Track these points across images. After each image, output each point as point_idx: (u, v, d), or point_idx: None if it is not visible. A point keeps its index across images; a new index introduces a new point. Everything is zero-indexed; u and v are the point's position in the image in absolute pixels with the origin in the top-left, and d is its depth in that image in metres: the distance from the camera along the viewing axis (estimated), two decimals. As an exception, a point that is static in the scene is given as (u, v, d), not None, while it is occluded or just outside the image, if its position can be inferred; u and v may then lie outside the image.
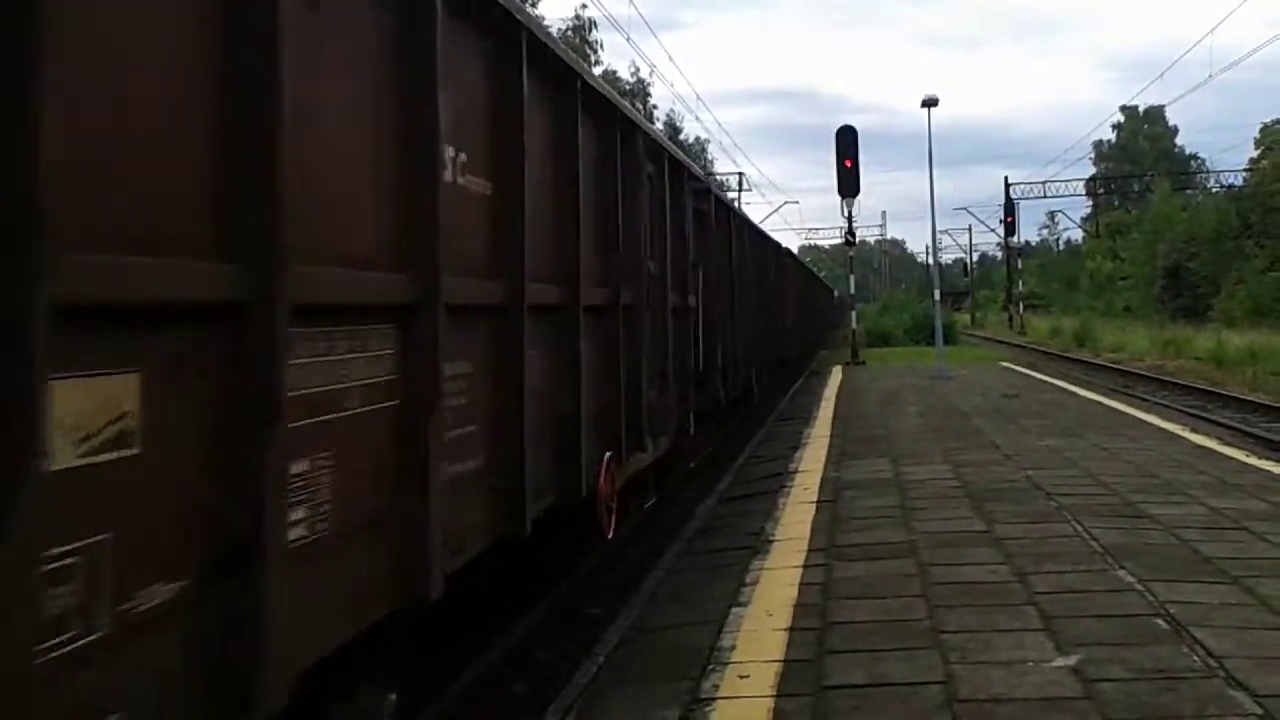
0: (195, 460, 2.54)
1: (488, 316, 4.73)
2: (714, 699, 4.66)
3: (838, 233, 61.50)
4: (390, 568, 3.56)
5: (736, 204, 24.24)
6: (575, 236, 6.01)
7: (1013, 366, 27.13)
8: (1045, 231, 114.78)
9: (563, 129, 6.04)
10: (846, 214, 29.43)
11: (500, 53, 4.95)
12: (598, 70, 55.33)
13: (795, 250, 42.82)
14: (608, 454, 6.71)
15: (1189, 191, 70.54)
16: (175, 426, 2.46)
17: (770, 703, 4.52)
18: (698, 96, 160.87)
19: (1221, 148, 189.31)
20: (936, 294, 27.74)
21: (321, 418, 3.08)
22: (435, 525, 3.74)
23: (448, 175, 4.13)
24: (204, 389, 2.56)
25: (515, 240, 4.94)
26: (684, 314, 10.13)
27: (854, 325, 32.16)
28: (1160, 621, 5.30)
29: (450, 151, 4.17)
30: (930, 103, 25.28)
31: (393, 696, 4.05)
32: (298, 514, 2.93)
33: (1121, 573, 6.23)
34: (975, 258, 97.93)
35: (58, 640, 2.08)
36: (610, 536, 7.18)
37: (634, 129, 7.73)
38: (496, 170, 4.85)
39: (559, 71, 5.93)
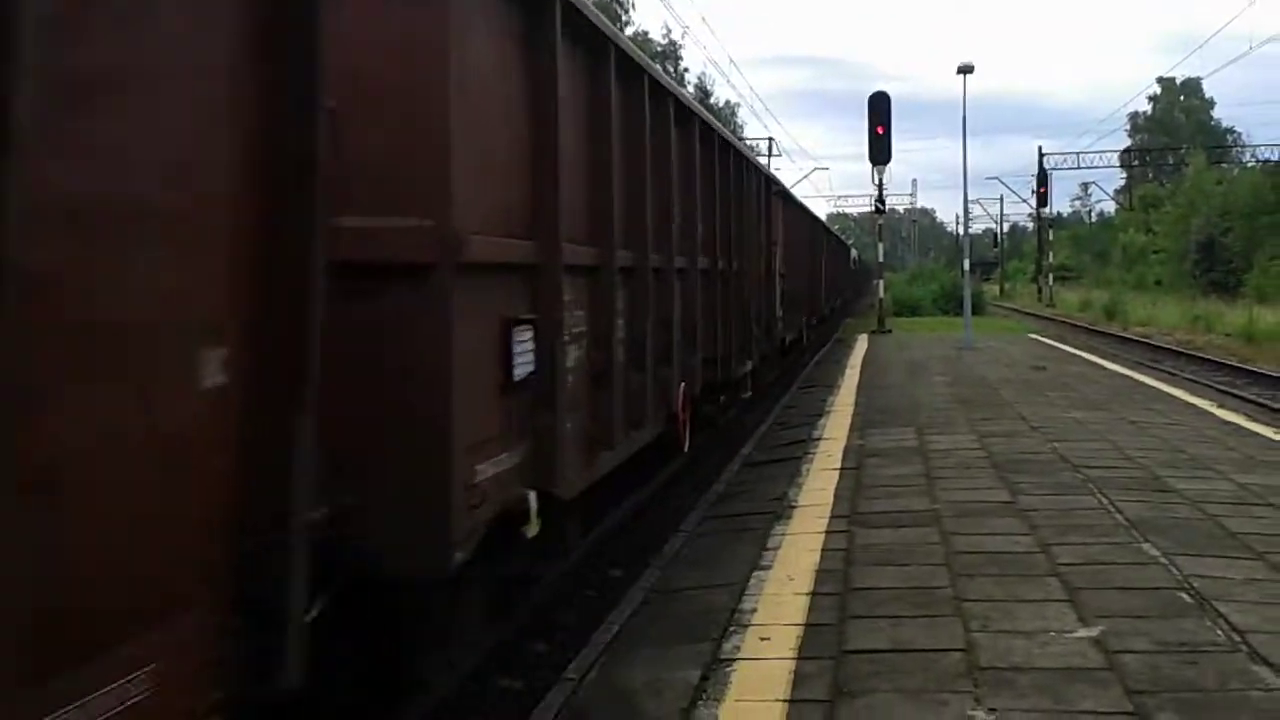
0: None
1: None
2: (735, 659, 4.69)
3: (867, 200, 61.19)
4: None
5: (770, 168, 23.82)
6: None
7: (1040, 338, 26.97)
8: (1078, 203, 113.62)
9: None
10: (877, 181, 29.30)
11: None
12: (628, 31, 54.99)
13: (824, 217, 42.71)
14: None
15: (1225, 165, 69.62)
16: None
17: (791, 664, 4.55)
18: (730, 59, 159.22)
19: (1259, 121, 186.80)
20: (966, 264, 27.56)
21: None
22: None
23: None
24: None
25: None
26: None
27: (881, 294, 31.98)
28: (1184, 595, 5.29)
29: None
30: (966, 69, 24.99)
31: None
32: None
33: (1146, 546, 6.21)
34: (1006, 228, 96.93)
35: None
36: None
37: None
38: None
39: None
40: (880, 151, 27.09)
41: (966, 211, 29.25)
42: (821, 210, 56.87)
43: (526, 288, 5.01)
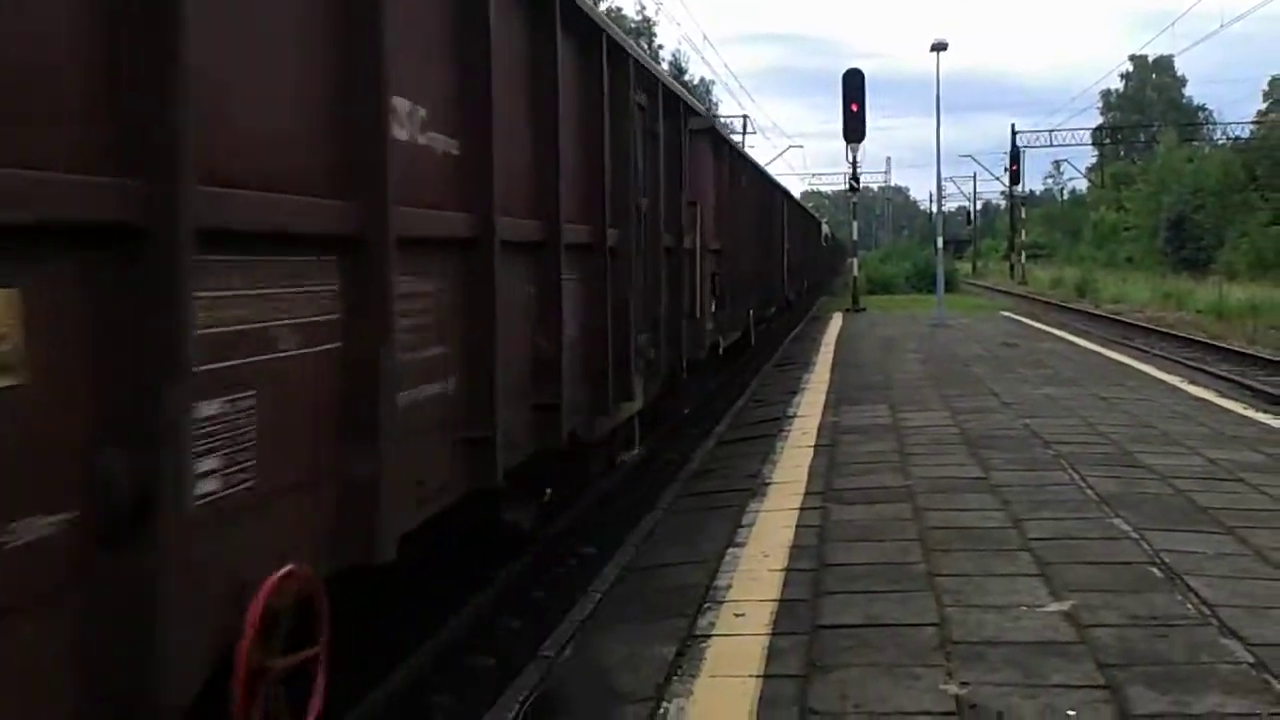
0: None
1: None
2: (709, 636, 4.69)
3: (841, 178, 61.18)
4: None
5: (742, 145, 21.57)
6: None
7: (1013, 316, 27.10)
8: (1050, 181, 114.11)
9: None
10: (851, 159, 29.26)
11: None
12: (602, 7, 54.69)
13: (799, 195, 42.61)
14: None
15: (1196, 143, 70.01)
16: None
17: (765, 640, 4.56)
18: (705, 37, 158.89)
19: (1230, 100, 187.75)
20: (939, 242, 27.65)
21: None
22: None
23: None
24: None
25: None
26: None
27: (855, 272, 32.03)
28: (1155, 570, 5.33)
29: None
30: (939, 47, 25.04)
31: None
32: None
33: (1117, 521, 6.25)
34: (979, 206, 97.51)
35: None
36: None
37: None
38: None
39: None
40: (855, 129, 27.11)
41: (940, 189, 29.36)
42: (796, 188, 56.77)
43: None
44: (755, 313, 17.36)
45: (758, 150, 60.76)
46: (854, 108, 26.71)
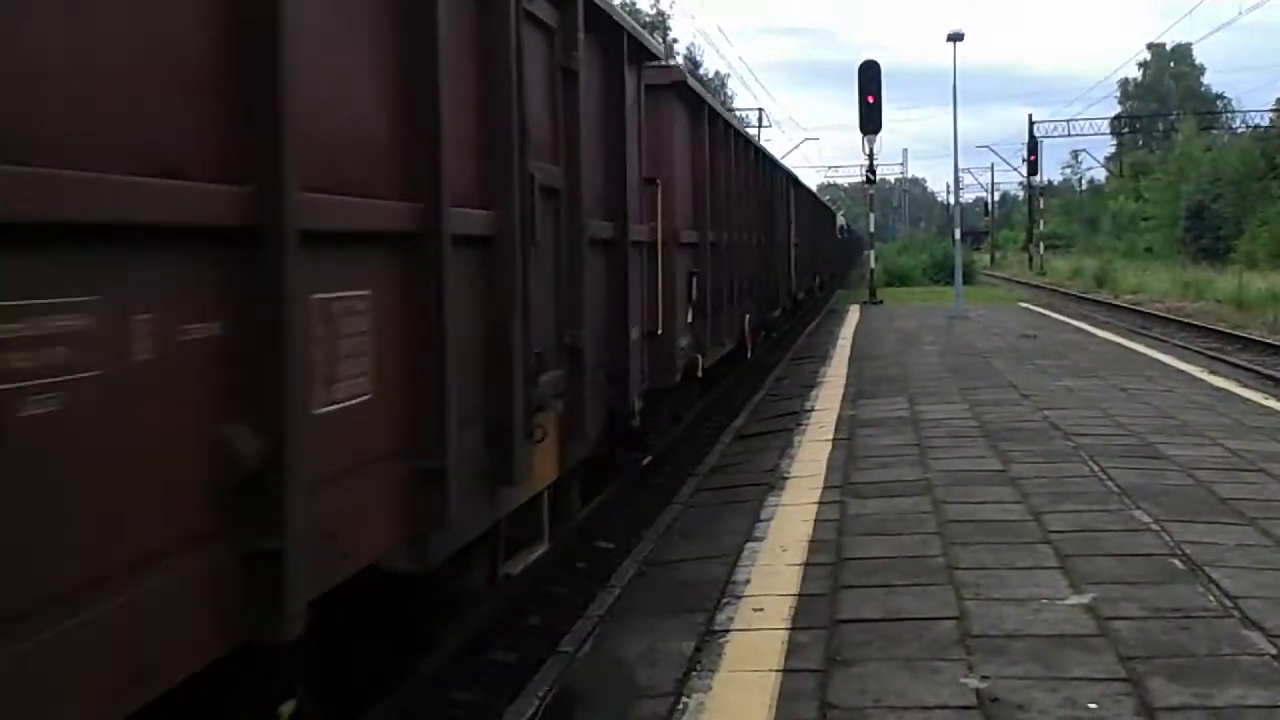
0: None
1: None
2: (728, 631, 4.69)
3: (858, 171, 60.97)
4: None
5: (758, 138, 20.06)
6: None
7: (1031, 307, 26.99)
8: (1068, 171, 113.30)
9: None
10: (867, 151, 29.19)
11: None
12: (615, 2, 54.63)
13: (815, 188, 42.45)
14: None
15: (1214, 131, 69.50)
16: None
17: (784, 635, 4.55)
18: (719, 30, 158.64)
19: (1248, 88, 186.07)
20: (957, 233, 27.56)
21: None
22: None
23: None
24: None
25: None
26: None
27: (872, 265, 31.93)
28: (1176, 561, 5.30)
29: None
30: (956, 37, 24.92)
31: None
32: None
33: (1138, 513, 6.22)
34: (996, 197, 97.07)
35: None
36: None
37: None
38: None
39: None
40: (871, 121, 27.04)
41: (957, 180, 29.28)
42: (812, 180, 56.56)
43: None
44: (754, 319, 14.74)
45: (774, 143, 60.67)
46: (870, 99, 26.63)
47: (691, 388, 10.73)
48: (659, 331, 8.35)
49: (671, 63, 11.75)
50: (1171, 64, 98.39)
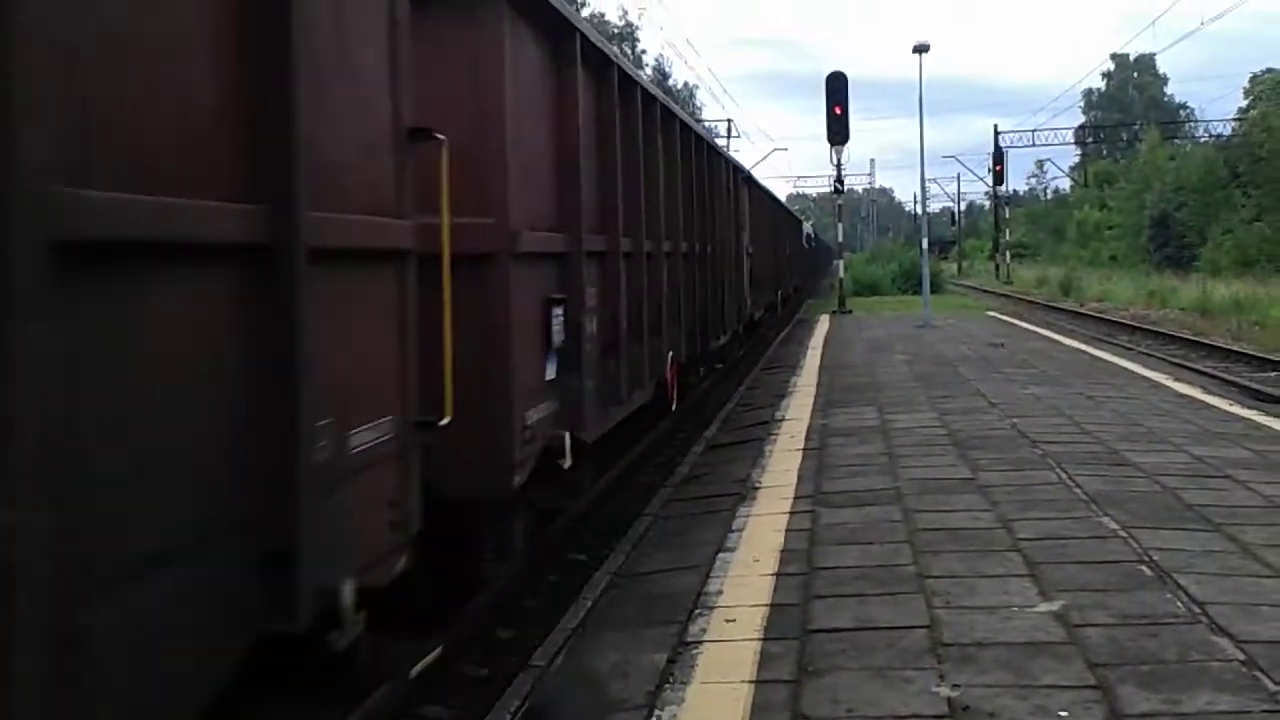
0: None
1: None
2: (701, 642, 4.69)
3: (826, 181, 61.21)
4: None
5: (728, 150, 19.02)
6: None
7: (998, 315, 27.19)
8: (1033, 180, 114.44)
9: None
10: (835, 162, 29.35)
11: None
12: (584, 13, 54.72)
13: (784, 198, 42.55)
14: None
15: (1178, 141, 70.27)
16: None
17: (757, 645, 4.56)
18: (688, 41, 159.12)
19: (1211, 97, 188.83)
20: (924, 243, 27.71)
21: None
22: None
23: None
24: None
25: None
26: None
27: (841, 274, 32.05)
28: (1144, 568, 5.34)
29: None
30: (921, 49, 25.08)
31: None
32: None
33: (1105, 519, 6.27)
34: (963, 206, 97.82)
35: None
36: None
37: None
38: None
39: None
40: (838, 132, 27.18)
41: (924, 190, 29.41)
42: (782, 191, 56.71)
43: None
44: (687, 351, 11.49)
45: (742, 154, 60.80)
46: (837, 110, 26.78)
47: (559, 480, 6.53)
48: (473, 407, 4.80)
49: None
50: (1135, 74, 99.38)
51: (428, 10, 4.72)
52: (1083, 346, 18.18)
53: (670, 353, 10.07)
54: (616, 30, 62.00)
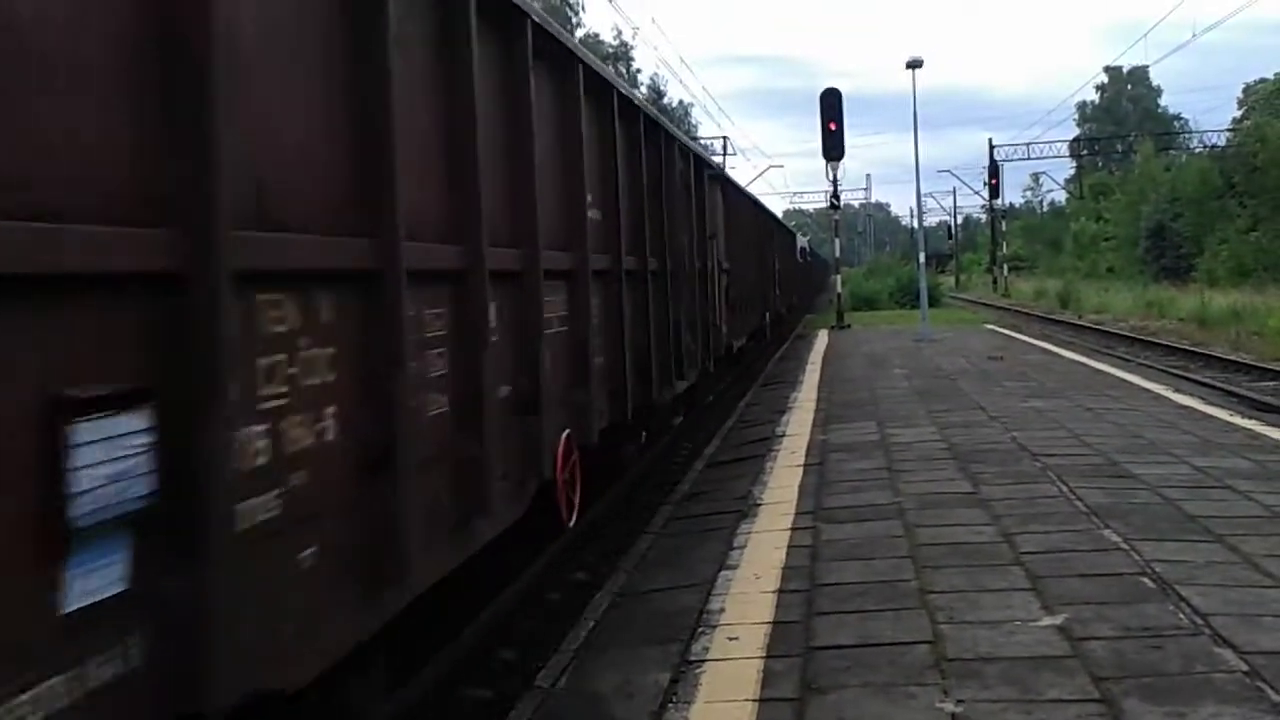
0: None
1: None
2: (704, 661, 4.68)
3: (822, 197, 61.29)
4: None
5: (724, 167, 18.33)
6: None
7: (997, 328, 27.20)
8: (1029, 193, 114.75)
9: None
10: (831, 177, 29.42)
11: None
12: (579, 34, 54.96)
13: (780, 214, 42.55)
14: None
15: (1172, 152, 70.42)
16: None
17: (760, 664, 4.55)
18: (681, 59, 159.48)
19: (1204, 108, 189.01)
20: (921, 257, 27.77)
21: None
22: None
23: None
24: None
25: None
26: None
27: (839, 289, 32.03)
28: (1146, 580, 5.33)
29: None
30: (915, 64, 25.20)
31: None
32: None
33: (1107, 532, 6.26)
34: (959, 220, 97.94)
35: None
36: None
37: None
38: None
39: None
40: (833, 147, 27.23)
41: (920, 205, 29.49)
42: (778, 207, 56.74)
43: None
44: (613, 416, 7.55)
45: (738, 171, 60.94)
46: (832, 126, 26.83)
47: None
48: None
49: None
50: (1129, 86, 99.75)
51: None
52: (1082, 359, 18.18)
53: (566, 430, 6.25)
54: (611, 50, 62.21)
